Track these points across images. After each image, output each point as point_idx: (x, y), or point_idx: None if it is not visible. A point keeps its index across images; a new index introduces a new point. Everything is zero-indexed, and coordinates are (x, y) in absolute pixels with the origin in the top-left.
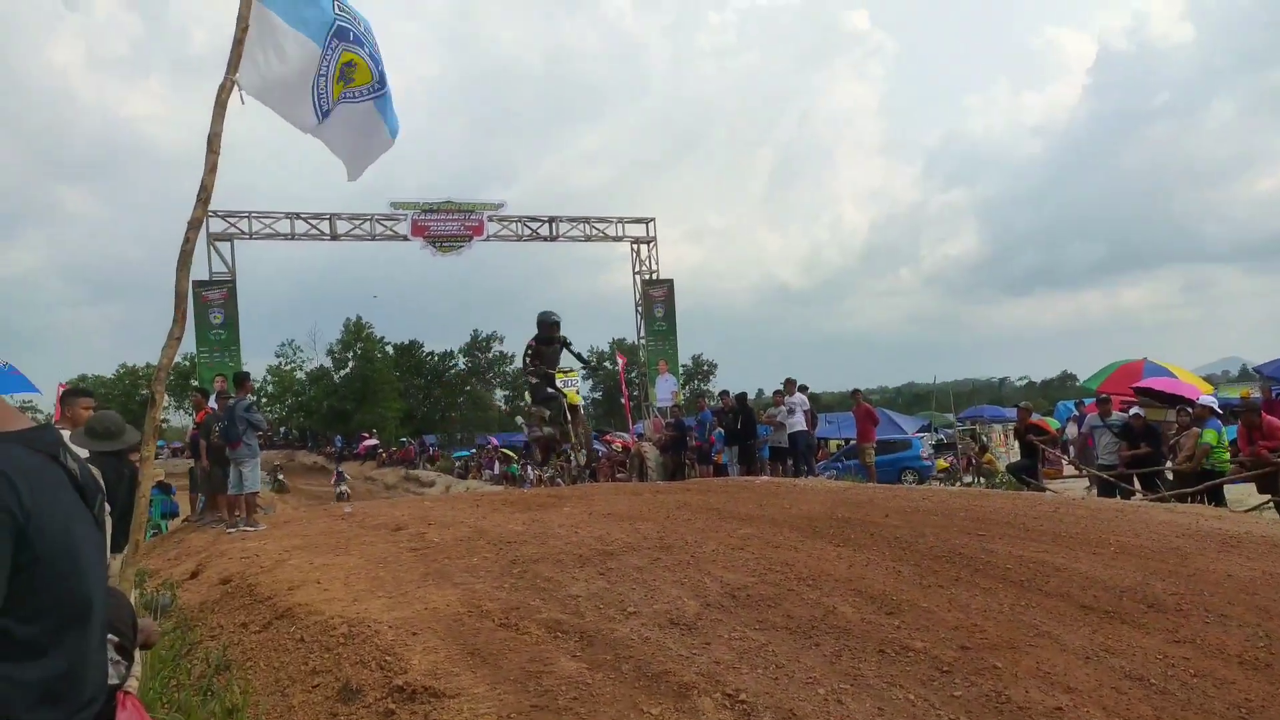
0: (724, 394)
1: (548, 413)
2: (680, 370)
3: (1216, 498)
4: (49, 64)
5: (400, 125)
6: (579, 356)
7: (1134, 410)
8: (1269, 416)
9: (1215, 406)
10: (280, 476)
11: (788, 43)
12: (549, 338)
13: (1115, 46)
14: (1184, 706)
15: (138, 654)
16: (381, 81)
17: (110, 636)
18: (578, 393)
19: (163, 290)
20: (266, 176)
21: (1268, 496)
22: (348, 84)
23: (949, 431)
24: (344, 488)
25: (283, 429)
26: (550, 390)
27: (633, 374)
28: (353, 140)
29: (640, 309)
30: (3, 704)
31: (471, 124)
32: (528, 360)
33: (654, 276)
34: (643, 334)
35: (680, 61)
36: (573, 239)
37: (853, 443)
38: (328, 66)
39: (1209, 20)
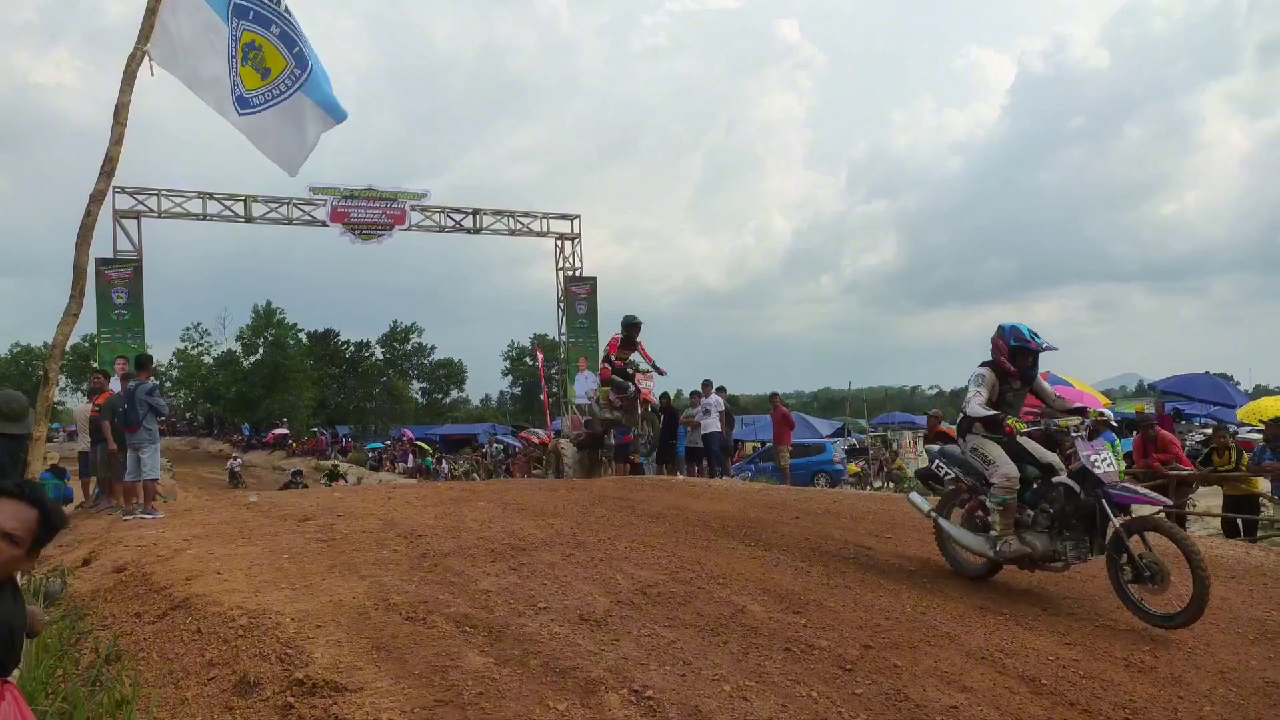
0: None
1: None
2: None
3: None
4: None
5: (341, 104)
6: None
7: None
8: (1164, 431)
9: (1111, 419)
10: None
11: (720, 49)
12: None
13: (1034, 69)
14: (1072, 706)
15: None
16: (301, 63)
17: None
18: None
19: (66, 268)
20: (179, 155)
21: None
22: (264, 76)
23: (862, 437)
24: (237, 463)
25: (188, 415)
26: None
27: (552, 370)
28: (285, 137)
29: (562, 306)
30: None
31: (399, 116)
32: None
33: (577, 274)
34: (564, 331)
35: (613, 63)
36: (496, 232)
37: (769, 445)
38: (232, 47)
39: (1124, 48)
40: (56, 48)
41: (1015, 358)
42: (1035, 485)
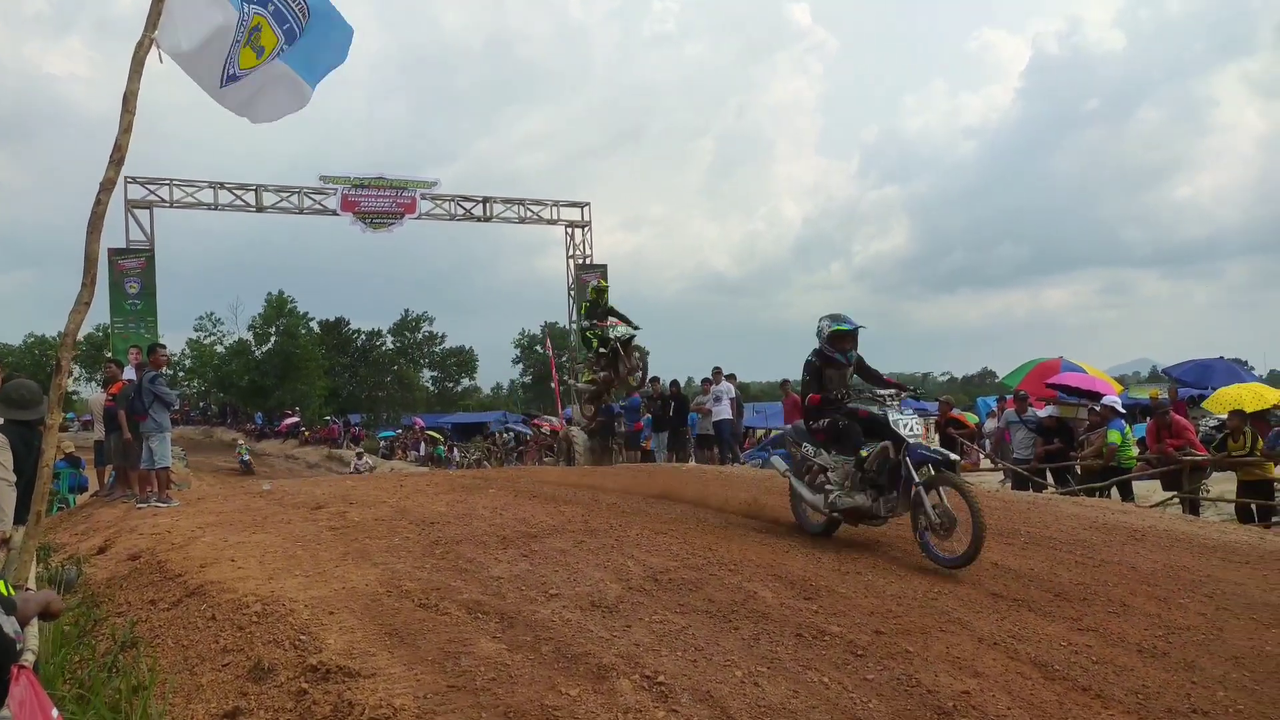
0: (654, 380)
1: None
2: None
3: (1125, 492)
4: None
5: (329, 65)
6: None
7: (1045, 411)
8: (1177, 416)
9: (1118, 407)
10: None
11: (730, 34)
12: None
13: (1049, 51)
14: (1085, 691)
15: (34, 628)
16: (290, 38)
17: None
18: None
19: (79, 258)
20: (190, 145)
21: (1172, 493)
22: (258, 55)
23: None
24: (244, 452)
25: (201, 404)
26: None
27: (563, 358)
28: (259, 96)
29: (573, 294)
30: None
31: (409, 104)
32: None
33: (588, 261)
34: (575, 318)
35: (625, 48)
36: (506, 220)
37: (779, 432)
38: (240, 32)
39: (1140, 29)
40: (68, 37)
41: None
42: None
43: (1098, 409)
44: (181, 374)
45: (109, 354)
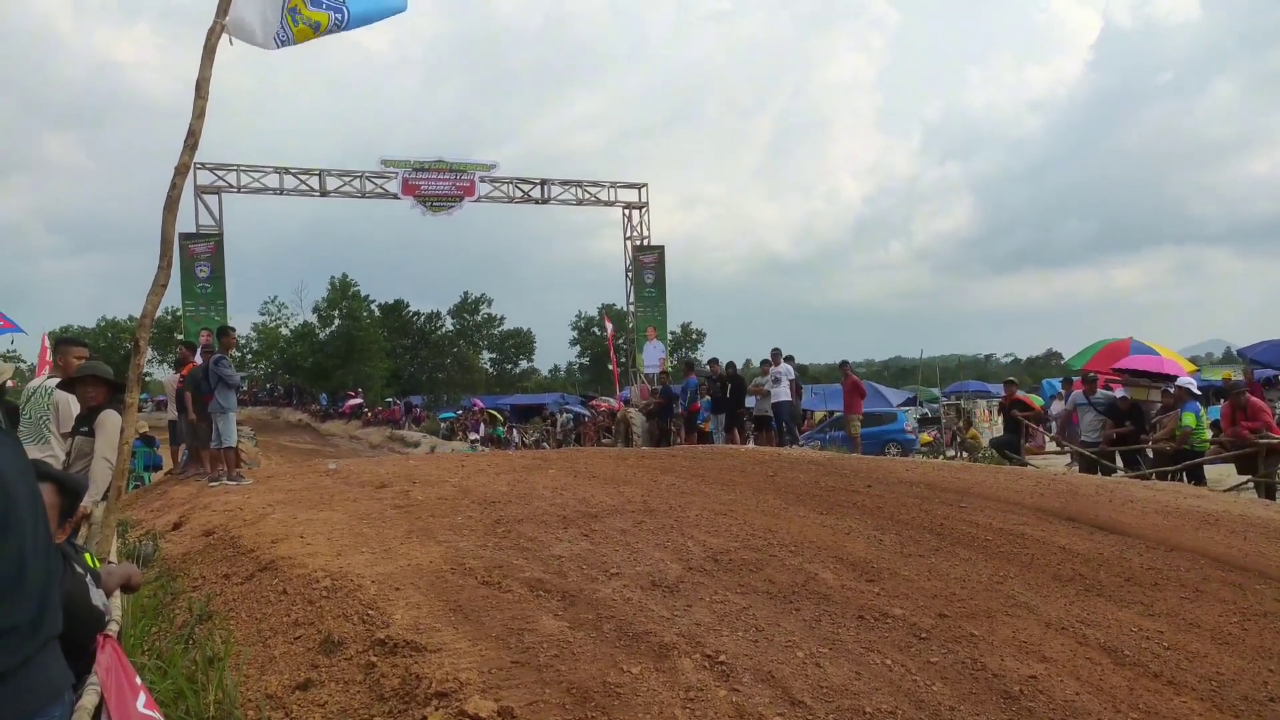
0: (713, 362)
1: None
2: (669, 338)
3: (1197, 476)
4: (32, 8)
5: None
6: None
7: (1120, 392)
8: (1254, 398)
9: (1194, 388)
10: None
11: (786, 8)
12: None
13: (1120, 22)
14: (1156, 678)
15: (118, 599)
16: (337, 10)
17: None
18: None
19: (147, 243)
20: (253, 130)
21: (1247, 476)
22: (314, 29)
23: (934, 406)
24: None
25: (268, 385)
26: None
27: (620, 340)
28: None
29: (630, 275)
30: None
31: (467, 85)
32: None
33: (645, 243)
34: (632, 300)
35: (680, 26)
36: (564, 202)
37: (838, 414)
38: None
39: None
40: (136, 24)
41: None
42: None
43: (1171, 390)
44: (249, 356)
45: (180, 336)
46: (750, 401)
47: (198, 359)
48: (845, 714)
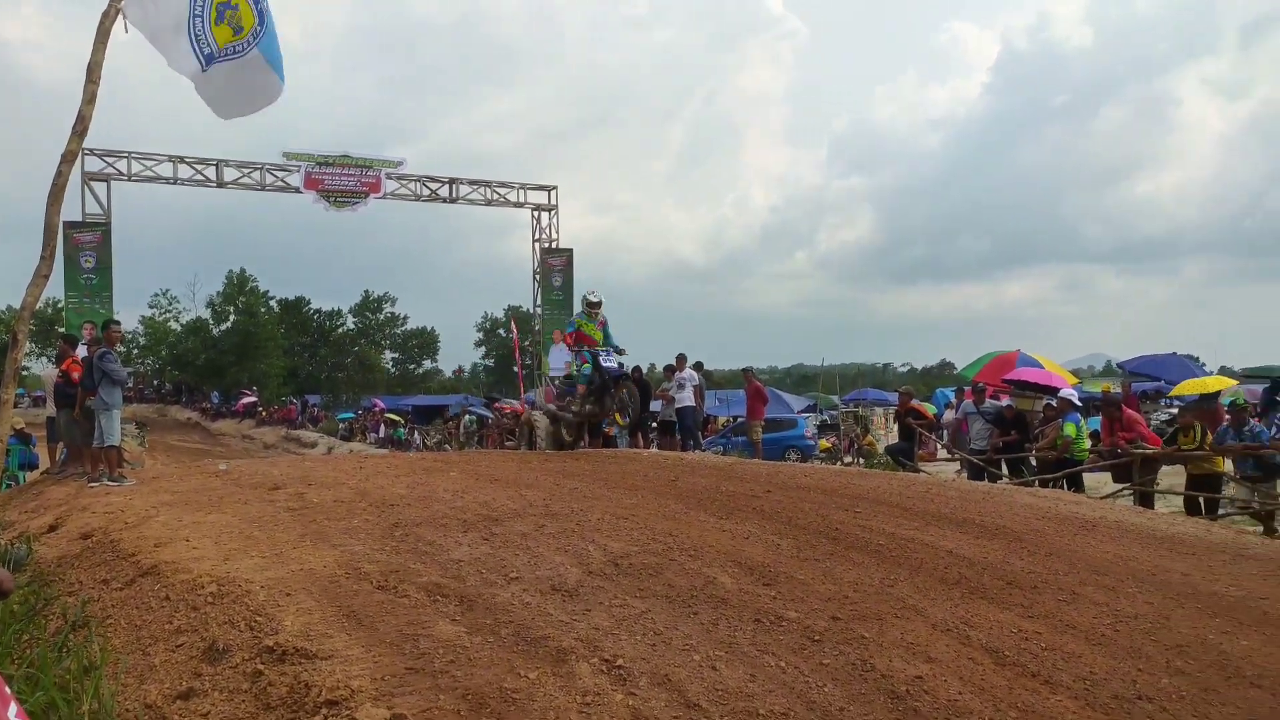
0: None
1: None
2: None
3: (1076, 484)
4: None
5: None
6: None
7: (1006, 402)
8: (1129, 411)
9: (1075, 400)
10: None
11: (702, 20)
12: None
13: (1018, 46)
14: (1034, 677)
15: None
16: (263, 18)
17: None
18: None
19: (29, 231)
20: (150, 118)
21: (1123, 485)
22: (236, 32)
23: (833, 413)
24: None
25: (155, 382)
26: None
27: (526, 342)
28: (234, 92)
29: (538, 277)
30: None
31: (376, 80)
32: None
33: (553, 245)
34: (539, 303)
35: (596, 30)
36: (472, 202)
37: (740, 419)
38: (203, 7)
39: (1108, 26)
40: (21, 4)
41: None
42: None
43: (1054, 402)
44: (135, 351)
45: (61, 329)
46: (655, 405)
47: (82, 352)
48: (740, 716)
